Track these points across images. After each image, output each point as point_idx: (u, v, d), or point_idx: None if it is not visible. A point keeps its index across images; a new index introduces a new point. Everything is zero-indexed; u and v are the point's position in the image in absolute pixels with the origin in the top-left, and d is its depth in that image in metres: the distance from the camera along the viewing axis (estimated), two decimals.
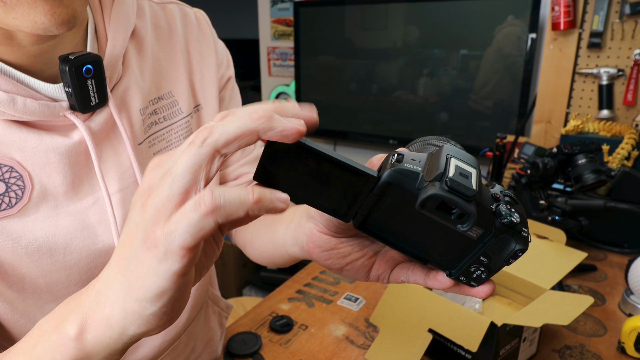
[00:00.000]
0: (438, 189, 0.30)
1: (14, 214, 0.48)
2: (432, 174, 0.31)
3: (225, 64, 0.69)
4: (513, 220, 0.32)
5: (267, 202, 0.29)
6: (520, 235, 0.33)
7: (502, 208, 0.32)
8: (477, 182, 0.31)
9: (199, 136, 0.28)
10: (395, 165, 0.32)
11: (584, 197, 1.20)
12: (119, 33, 0.54)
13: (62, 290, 0.53)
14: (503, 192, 0.34)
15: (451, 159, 0.32)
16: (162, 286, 0.29)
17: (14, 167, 0.47)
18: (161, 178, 0.29)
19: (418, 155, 0.34)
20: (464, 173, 0.31)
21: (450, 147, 0.34)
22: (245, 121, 0.29)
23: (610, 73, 1.69)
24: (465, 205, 0.30)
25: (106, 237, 0.54)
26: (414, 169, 0.32)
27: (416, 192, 0.32)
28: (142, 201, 0.29)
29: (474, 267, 0.35)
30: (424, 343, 0.72)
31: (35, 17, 0.39)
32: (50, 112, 0.47)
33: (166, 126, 0.60)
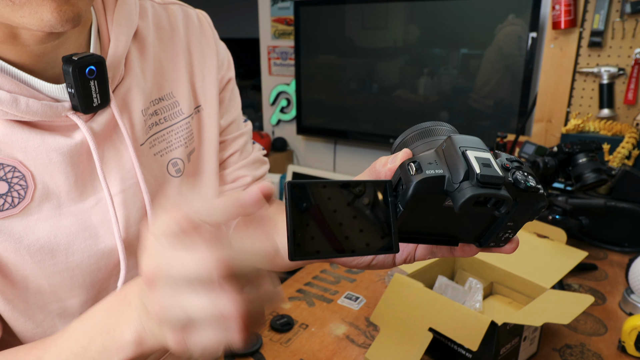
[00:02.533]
0: (473, 188, 0.31)
1: (17, 214, 0.48)
2: (458, 173, 0.32)
3: (226, 66, 0.69)
4: (531, 184, 0.34)
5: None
6: (538, 194, 0.34)
7: (518, 176, 0.34)
8: (499, 165, 0.32)
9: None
10: (418, 175, 0.32)
11: (584, 196, 1.20)
12: (122, 34, 0.54)
13: (66, 292, 0.53)
14: (509, 159, 0.35)
15: (467, 151, 0.32)
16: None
17: (17, 167, 0.47)
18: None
19: (431, 155, 0.34)
20: (485, 162, 0.32)
21: (457, 137, 0.34)
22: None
23: (610, 72, 1.69)
24: (501, 195, 0.31)
25: (108, 238, 0.54)
26: (437, 172, 0.32)
27: (447, 194, 0.32)
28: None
29: (502, 232, 0.37)
30: (425, 342, 0.72)
31: (42, 14, 0.40)
32: (53, 113, 0.47)
33: (167, 127, 0.60)
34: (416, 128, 0.40)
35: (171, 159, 0.61)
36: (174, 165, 0.61)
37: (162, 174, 0.60)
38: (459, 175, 0.32)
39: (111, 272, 0.55)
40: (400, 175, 0.34)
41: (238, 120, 0.72)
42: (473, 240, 0.39)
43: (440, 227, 0.37)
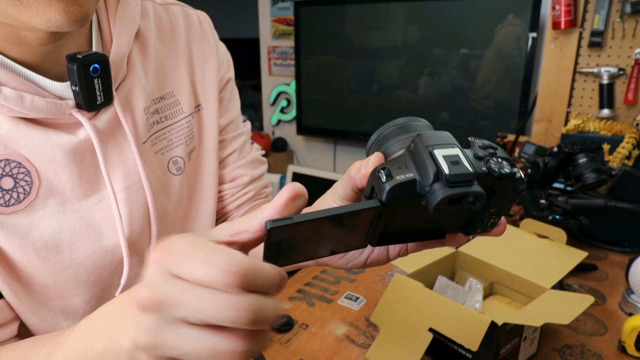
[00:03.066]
0: (444, 190, 0.31)
1: (22, 209, 0.48)
2: (428, 175, 0.32)
3: (225, 66, 0.69)
4: (505, 171, 0.33)
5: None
6: (515, 179, 0.34)
7: (491, 165, 0.33)
8: (467, 160, 0.32)
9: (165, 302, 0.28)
10: (388, 181, 0.32)
11: (584, 197, 1.20)
12: (124, 33, 0.54)
13: (70, 290, 0.53)
14: (482, 146, 0.35)
15: (434, 150, 0.32)
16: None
17: (22, 163, 0.48)
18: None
19: (400, 158, 0.34)
20: (453, 160, 0.32)
21: (426, 134, 0.34)
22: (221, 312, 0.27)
23: (610, 72, 1.69)
24: (472, 191, 0.31)
25: (111, 235, 0.54)
26: (407, 177, 0.32)
27: (420, 196, 0.32)
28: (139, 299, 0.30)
29: (486, 219, 0.37)
30: (425, 342, 0.72)
31: (49, 15, 0.40)
32: (57, 110, 0.48)
33: (168, 125, 0.61)
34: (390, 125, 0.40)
35: (172, 157, 0.61)
36: (174, 164, 0.62)
37: (163, 172, 0.60)
38: (428, 178, 0.31)
39: (114, 270, 0.56)
40: (372, 183, 0.34)
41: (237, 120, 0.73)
42: (459, 230, 0.39)
43: (424, 224, 0.38)
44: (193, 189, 0.66)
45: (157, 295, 0.29)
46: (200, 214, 0.68)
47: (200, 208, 0.68)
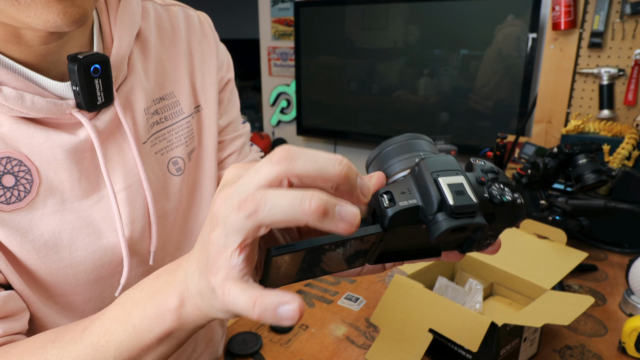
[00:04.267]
0: (447, 221, 0.31)
1: (23, 208, 0.49)
2: (432, 203, 0.31)
3: (225, 67, 0.69)
4: (507, 198, 0.34)
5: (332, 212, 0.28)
6: (515, 205, 0.34)
7: (493, 191, 0.33)
8: (471, 189, 0.32)
9: (246, 206, 0.28)
10: (391, 207, 0.32)
11: (584, 197, 1.20)
12: (125, 34, 0.54)
13: (70, 289, 0.53)
14: (484, 169, 0.35)
15: (439, 178, 0.32)
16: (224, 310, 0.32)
17: (23, 161, 0.48)
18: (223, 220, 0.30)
19: (404, 182, 0.33)
20: (457, 189, 0.32)
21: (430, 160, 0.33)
22: (295, 210, 0.28)
23: (610, 73, 1.69)
24: (475, 223, 0.31)
25: (110, 235, 0.54)
26: (410, 203, 0.32)
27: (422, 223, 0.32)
28: (211, 227, 0.31)
29: (483, 240, 0.37)
30: (425, 343, 0.72)
31: (48, 16, 0.40)
32: (57, 110, 0.48)
33: (167, 126, 0.61)
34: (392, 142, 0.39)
35: (172, 157, 0.61)
36: (174, 164, 0.62)
37: (163, 173, 0.60)
38: (432, 206, 0.31)
39: (114, 270, 0.56)
40: (374, 206, 0.34)
41: (236, 121, 0.73)
42: (455, 248, 0.39)
43: (421, 244, 0.38)
44: (193, 190, 0.66)
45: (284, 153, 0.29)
46: (200, 215, 0.68)
47: (200, 208, 0.68)
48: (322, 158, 0.29)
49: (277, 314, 0.29)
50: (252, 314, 0.29)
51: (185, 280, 0.35)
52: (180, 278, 0.35)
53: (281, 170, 0.29)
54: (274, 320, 0.29)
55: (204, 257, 0.32)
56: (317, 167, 0.29)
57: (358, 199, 0.31)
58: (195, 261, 0.34)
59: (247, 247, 0.30)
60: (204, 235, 0.33)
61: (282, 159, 0.29)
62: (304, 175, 0.29)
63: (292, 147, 0.29)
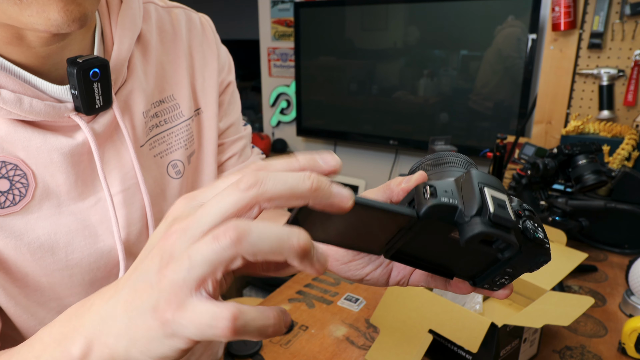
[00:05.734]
0: (484, 225, 0.30)
1: (18, 212, 0.48)
2: (472, 207, 0.31)
3: (226, 69, 0.69)
4: (539, 236, 0.33)
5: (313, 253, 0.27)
6: (544, 248, 0.34)
7: (528, 225, 0.33)
8: (512, 210, 0.32)
9: (226, 235, 0.26)
10: (431, 200, 0.32)
11: (584, 198, 1.20)
12: (126, 37, 0.54)
13: (65, 290, 0.53)
14: (522, 206, 0.35)
15: (484, 188, 0.32)
16: (167, 354, 0.29)
17: (19, 165, 0.48)
18: (181, 253, 0.27)
19: (448, 184, 0.33)
20: (500, 204, 0.32)
21: (477, 172, 0.34)
22: (297, 186, 0.27)
23: (610, 73, 1.69)
24: (509, 238, 0.31)
25: (107, 237, 0.54)
26: (451, 202, 0.32)
27: (455, 225, 0.32)
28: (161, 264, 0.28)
29: (498, 277, 0.37)
30: (425, 344, 0.71)
31: (49, 14, 0.40)
32: (55, 113, 0.48)
33: (167, 129, 0.61)
34: (432, 157, 0.40)
35: (171, 160, 0.61)
36: (174, 167, 0.61)
37: (162, 176, 0.60)
38: (472, 209, 0.31)
39: (110, 272, 0.56)
40: (414, 196, 0.33)
41: (237, 123, 0.72)
42: (468, 278, 0.39)
43: (439, 257, 0.37)
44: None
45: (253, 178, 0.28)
46: None
47: None
48: (291, 177, 0.28)
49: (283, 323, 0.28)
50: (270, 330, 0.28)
51: (99, 327, 0.31)
52: (89, 323, 0.31)
53: (251, 196, 0.27)
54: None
55: (143, 299, 0.28)
56: (288, 187, 0.28)
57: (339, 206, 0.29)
58: (120, 305, 0.30)
59: (216, 282, 0.27)
60: (143, 276, 0.29)
61: (251, 184, 0.27)
62: (277, 197, 0.27)
63: (258, 172, 0.28)
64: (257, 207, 0.28)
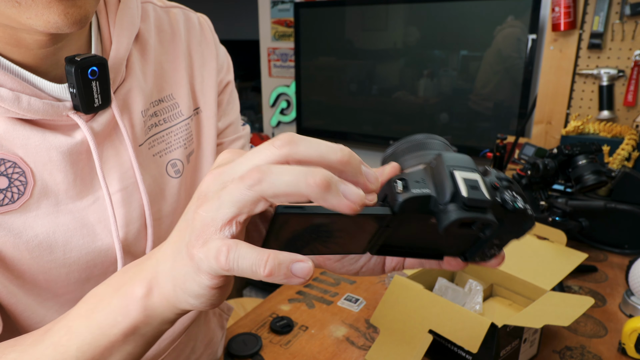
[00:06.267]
0: (458, 211, 0.31)
1: (16, 209, 0.48)
2: (445, 194, 0.31)
3: (225, 69, 0.69)
4: (519, 206, 0.33)
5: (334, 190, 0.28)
6: (526, 215, 0.34)
7: (506, 197, 0.33)
8: (485, 188, 0.32)
9: (251, 176, 0.28)
10: (404, 193, 0.32)
11: (584, 198, 1.20)
12: (124, 36, 0.54)
13: (62, 288, 0.53)
14: (499, 177, 0.35)
15: (455, 172, 0.32)
16: (199, 292, 0.31)
17: (17, 163, 0.48)
18: (214, 194, 0.29)
19: (419, 173, 0.33)
20: (472, 184, 0.32)
21: (447, 155, 0.34)
22: (299, 183, 0.28)
23: (610, 74, 1.69)
24: (485, 219, 0.31)
25: (105, 236, 0.54)
26: (423, 192, 0.32)
27: (432, 214, 0.32)
28: (197, 204, 0.30)
29: (487, 249, 0.37)
30: (425, 344, 0.71)
31: (49, 17, 0.40)
32: (54, 112, 0.48)
33: (166, 128, 0.61)
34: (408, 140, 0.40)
35: (170, 159, 0.61)
36: (173, 166, 0.62)
37: (161, 175, 0.60)
38: (445, 196, 0.31)
39: (107, 270, 0.56)
40: (386, 191, 0.33)
41: (236, 123, 0.73)
42: (458, 254, 0.39)
43: (425, 242, 0.37)
44: (191, 192, 0.66)
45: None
46: None
47: None
48: (324, 145, 0.30)
49: (292, 270, 0.28)
50: (262, 270, 0.28)
51: (155, 268, 0.34)
52: (148, 267, 0.35)
53: (283, 153, 0.29)
54: (286, 277, 0.28)
55: (183, 237, 0.31)
56: (319, 153, 0.29)
57: (364, 185, 0.31)
58: (170, 246, 0.33)
59: (240, 225, 0.29)
60: (186, 216, 0.32)
61: (285, 143, 0.29)
62: (306, 160, 0.29)
63: (294, 134, 0.30)
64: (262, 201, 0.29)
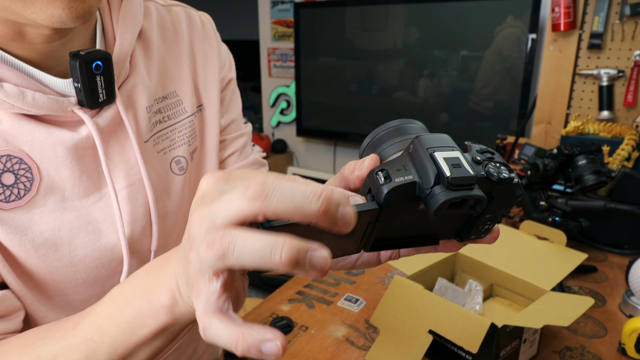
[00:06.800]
0: (445, 192, 0.30)
1: (22, 206, 0.48)
2: (429, 177, 0.31)
3: (227, 66, 0.70)
4: (504, 176, 0.33)
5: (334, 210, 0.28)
6: (513, 184, 0.34)
7: (490, 169, 0.33)
8: (468, 164, 0.32)
9: (216, 247, 0.27)
10: (387, 184, 0.31)
11: (584, 198, 1.20)
12: (127, 32, 0.54)
13: (70, 288, 0.53)
14: (480, 150, 0.35)
15: (434, 153, 0.32)
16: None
17: (23, 159, 0.48)
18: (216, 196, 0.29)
19: (399, 160, 0.33)
20: (454, 163, 0.31)
21: (424, 137, 0.33)
22: (265, 257, 0.27)
23: (610, 74, 1.69)
24: (474, 195, 0.31)
25: (111, 233, 0.54)
26: (406, 179, 0.31)
27: (419, 200, 0.32)
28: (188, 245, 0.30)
29: (481, 225, 0.36)
30: (424, 344, 0.72)
31: (53, 11, 0.40)
32: (59, 107, 0.48)
33: (170, 125, 0.61)
34: (385, 127, 0.39)
35: (175, 157, 0.61)
36: (177, 163, 0.62)
37: (165, 172, 0.60)
38: (429, 180, 0.31)
39: (114, 270, 0.56)
40: (370, 184, 0.33)
41: (238, 120, 0.73)
42: (453, 236, 0.38)
43: (418, 229, 0.37)
44: (195, 189, 0.66)
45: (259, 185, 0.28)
46: None
47: None
48: (300, 194, 0.27)
49: (261, 351, 0.28)
50: (236, 352, 0.28)
51: (176, 281, 0.35)
52: (170, 277, 0.35)
53: (255, 208, 0.27)
54: (258, 356, 0.28)
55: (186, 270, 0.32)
56: (294, 206, 0.27)
57: (339, 230, 0.29)
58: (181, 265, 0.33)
59: (224, 274, 0.29)
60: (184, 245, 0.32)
61: (257, 195, 0.27)
62: (280, 213, 0.28)
63: (267, 181, 0.28)
64: (260, 217, 0.28)
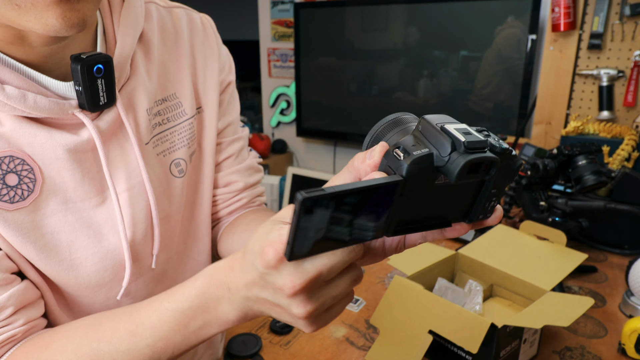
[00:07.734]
0: (464, 155, 0.32)
1: (26, 207, 0.49)
2: (445, 146, 0.32)
3: (227, 69, 0.69)
4: (504, 146, 0.35)
5: None
6: (512, 155, 0.36)
7: (492, 141, 0.34)
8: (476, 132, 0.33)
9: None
10: (407, 158, 0.32)
11: (584, 199, 1.20)
12: (128, 35, 0.54)
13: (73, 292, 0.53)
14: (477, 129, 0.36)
15: (444, 125, 0.33)
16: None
17: (25, 160, 0.48)
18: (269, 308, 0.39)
19: (410, 139, 0.34)
20: (465, 131, 0.33)
21: (430, 116, 0.35)
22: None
23: (610, 74, 1.69)
24: (490, 157, 0.33)
25: (111, 236, 0.54)
26: (423, 152, 0.33)
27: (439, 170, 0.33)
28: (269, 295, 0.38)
29: (487, 202, 0.38)
30: (425, 344, 0.71)
31: (47, 20, 0.40)
32: (60, 110, 0.48)
33: (170, 127, 0.61)
34: (382, 123, 0.41)
35: (174, 159, 0.61)
36: (176, 166, 0.62)
37: (165, 174, 0.60)
38: (446, 149, 0.32)
39: (117, 275, 0.56)
40: (388, 164, 0.34)
41: (235, 124, 0.73)
42: (462, 218, 0.39)
43: (431, 211, 0.37)
44: (193, 192, 0.66)
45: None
46: (200, 217, 0.68)
47: (200, 211, 0.68)
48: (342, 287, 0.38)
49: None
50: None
51: (247, 303, 0.40)
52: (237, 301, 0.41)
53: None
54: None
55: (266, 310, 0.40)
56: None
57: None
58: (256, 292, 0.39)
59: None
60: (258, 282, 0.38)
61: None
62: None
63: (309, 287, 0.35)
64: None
